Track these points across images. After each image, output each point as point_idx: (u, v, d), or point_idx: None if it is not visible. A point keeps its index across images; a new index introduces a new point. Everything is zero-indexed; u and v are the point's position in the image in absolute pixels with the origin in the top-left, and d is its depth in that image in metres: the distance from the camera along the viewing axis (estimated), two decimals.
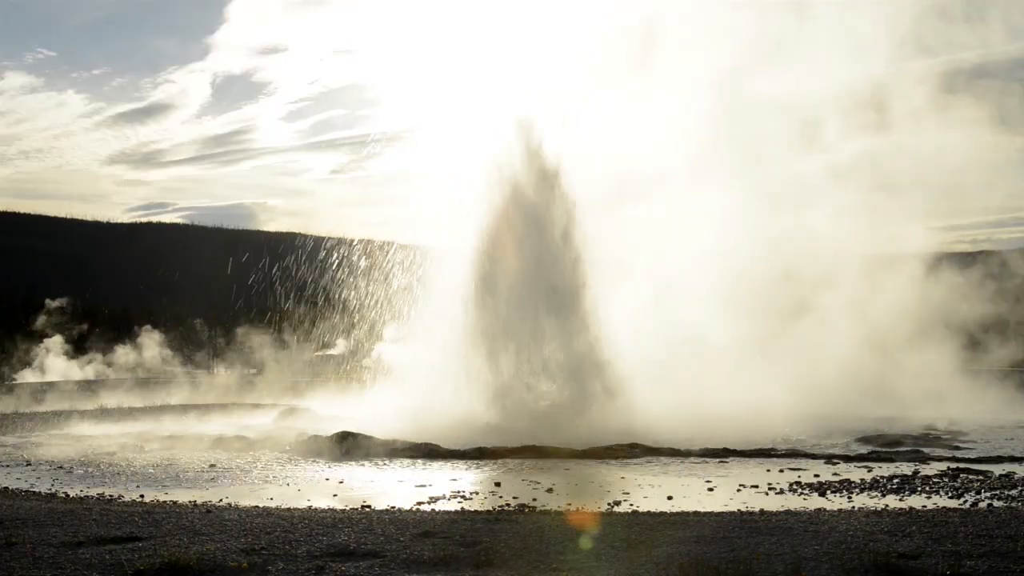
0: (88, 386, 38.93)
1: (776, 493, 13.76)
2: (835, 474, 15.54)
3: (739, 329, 27.34)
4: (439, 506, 12.72)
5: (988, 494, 13.16)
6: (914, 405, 26.86)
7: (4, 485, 14.82)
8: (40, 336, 48.97)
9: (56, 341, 47.92)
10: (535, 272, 24.48)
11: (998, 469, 15.76)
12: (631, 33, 29.50)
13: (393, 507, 12.36)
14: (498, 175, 25.24)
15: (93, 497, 13.58)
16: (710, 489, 14.23)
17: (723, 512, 11.40)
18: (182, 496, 13.59)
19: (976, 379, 30.74)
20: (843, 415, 25.13)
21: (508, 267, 24.59)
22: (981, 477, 14.89)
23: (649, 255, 28.39)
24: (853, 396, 27.07)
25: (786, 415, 23.40)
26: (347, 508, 12.17)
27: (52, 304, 53.13)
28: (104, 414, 29.04)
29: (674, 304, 27.12)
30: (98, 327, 53.51)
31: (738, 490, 14.06)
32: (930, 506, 12.18)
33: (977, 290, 31.01)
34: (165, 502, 12.86)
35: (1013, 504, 12.15)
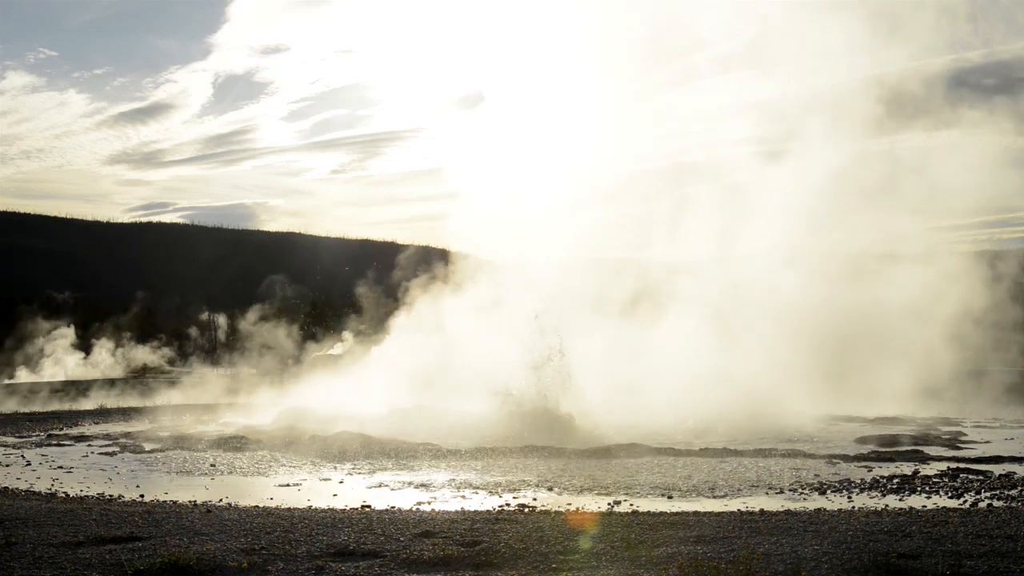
0: (88, 385, 38.89)
1: (776, 493, 13.76)
2: (835, 474, 15.53)
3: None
4: (439, 506, 12.72)
5: (988, 494, 13.16)
6: (917, 404, 26.91)
7: (4, 485, 14.82)
8: (36, 334, 48.99)
9: (63, 342, 47.96)
10: None
11: (998, 469, 15.76)
12: (643, 32, 29.67)
13: (393, 507, 12.37)
14: None
15: (93, 497, 13.59)
16: (710, 489, 14.22)
17: (723, 512, 11.39)
18: (182, 496, 13.59)
19: (978, 379, 30.74)
20: (847, 415, 25.20)
21: None
22: (981, 477, 14.89)
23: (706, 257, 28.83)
24: (858, 394, 27.17)
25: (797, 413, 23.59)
26: (347, 508, 12.18)
27: (59, 297, 53.32)
28: (102, 414, 29.06)
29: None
30: (100, 325, 53.62)
31: (738, 490, 14.05)
32: (930, 506, 12.18)
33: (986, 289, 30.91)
34: (165, 502, 12.86)
35: (1013, 504, 12.15)
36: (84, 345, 49.18)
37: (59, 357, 47.12)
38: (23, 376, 45.17)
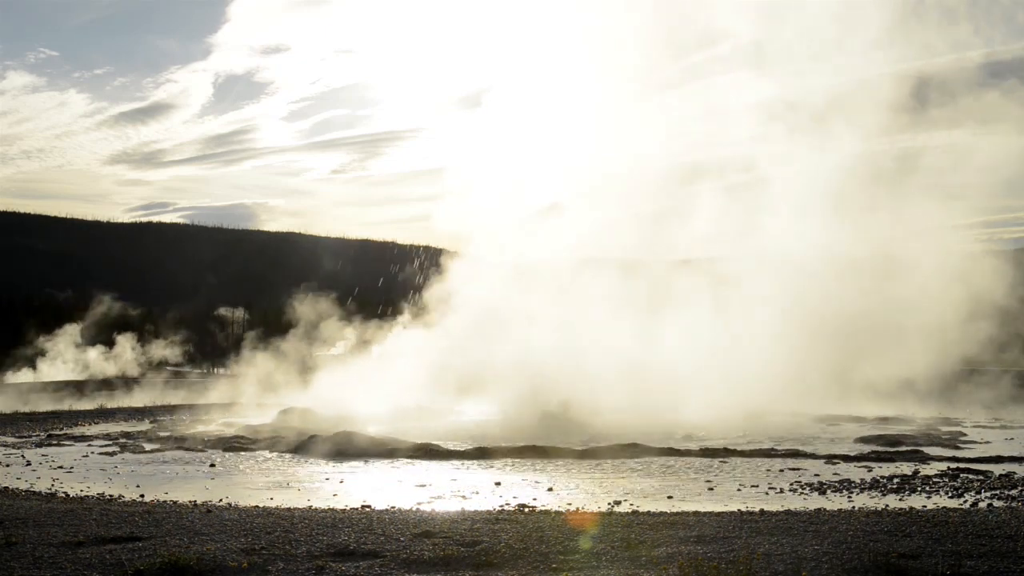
0: (94, 384, 38.88)
1: (776, 493, 13.76)
2: (835, 474, 15.54)
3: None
4: (439, 506, 12.72)
5: (988, 494, 13.17)
6: (917, 404, 26.91)
7: (4, 485, 14.82)
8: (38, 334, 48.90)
9: (66, 342, 47.87)
10: None
11: (998, 469, 15.76)
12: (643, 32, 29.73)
13: (393, 507, 12.35)
14: None
15: (93, 497, 13.59)
16: (710, 489, 14.23)
17: (723, 512, 11.39)
18: (182, 496, 13.60)
19: (979, 378, 30.75)
20: (846, 414, 25.18)
21: None
22: (981, 477, 14.90)
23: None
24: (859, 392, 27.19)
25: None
26: (347, 508, 12.17)
27: (62, 295, 53.30)
28: (102, 414, 29.04)
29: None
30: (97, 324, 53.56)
31: (738, 490, 14.06)
32: (930, 506, 12.18)
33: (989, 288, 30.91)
34: (165, 502, 12.86)
35: (1013, 504, 12.15)
36: (109, 341, 49.07)
37: (79, 353, 47.02)
38: (44, 370, 45.15)
